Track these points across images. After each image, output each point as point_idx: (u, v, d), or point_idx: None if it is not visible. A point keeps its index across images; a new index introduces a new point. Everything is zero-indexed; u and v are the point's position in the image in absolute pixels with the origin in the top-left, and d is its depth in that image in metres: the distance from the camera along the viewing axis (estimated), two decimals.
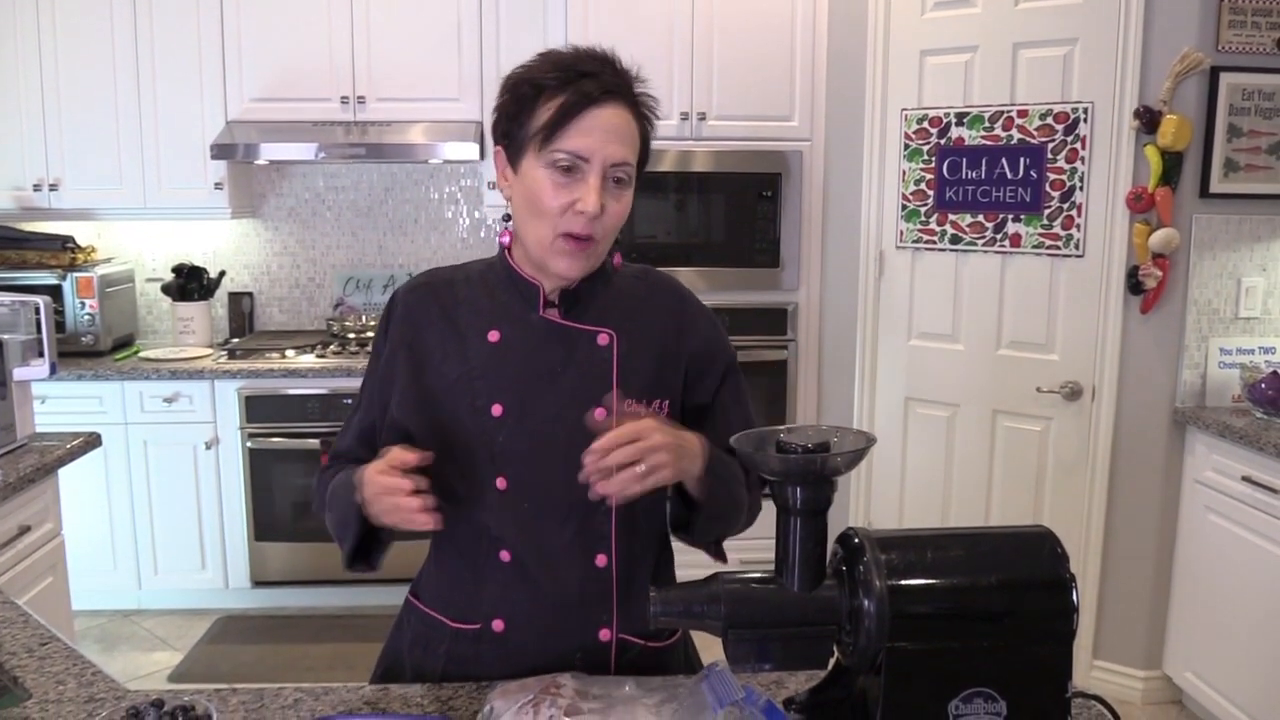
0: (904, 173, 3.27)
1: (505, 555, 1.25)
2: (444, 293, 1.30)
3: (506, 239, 1.30)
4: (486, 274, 1.31)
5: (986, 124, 3.06)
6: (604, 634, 1.27)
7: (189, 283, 3.90)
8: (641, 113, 1.22)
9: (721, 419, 1.30)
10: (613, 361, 1.25)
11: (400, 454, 1.13)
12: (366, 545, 1.26)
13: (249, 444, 3.52)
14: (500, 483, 1.23)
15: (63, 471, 2.44)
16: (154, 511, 3.56)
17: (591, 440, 1.10)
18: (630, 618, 1.28)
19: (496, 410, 1.23)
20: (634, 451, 1.08)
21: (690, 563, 1.34)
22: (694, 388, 1.30)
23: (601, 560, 1.26)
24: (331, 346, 3.72)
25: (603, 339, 1.25)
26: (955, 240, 3.18)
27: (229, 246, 4.08)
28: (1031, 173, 2.99)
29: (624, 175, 1.19)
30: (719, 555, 1.28)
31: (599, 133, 1.16)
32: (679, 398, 1.30)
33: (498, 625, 1.26)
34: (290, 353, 3.67)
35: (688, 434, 1.17)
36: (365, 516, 1.20)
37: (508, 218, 1.30)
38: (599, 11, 3.44)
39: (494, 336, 1.25)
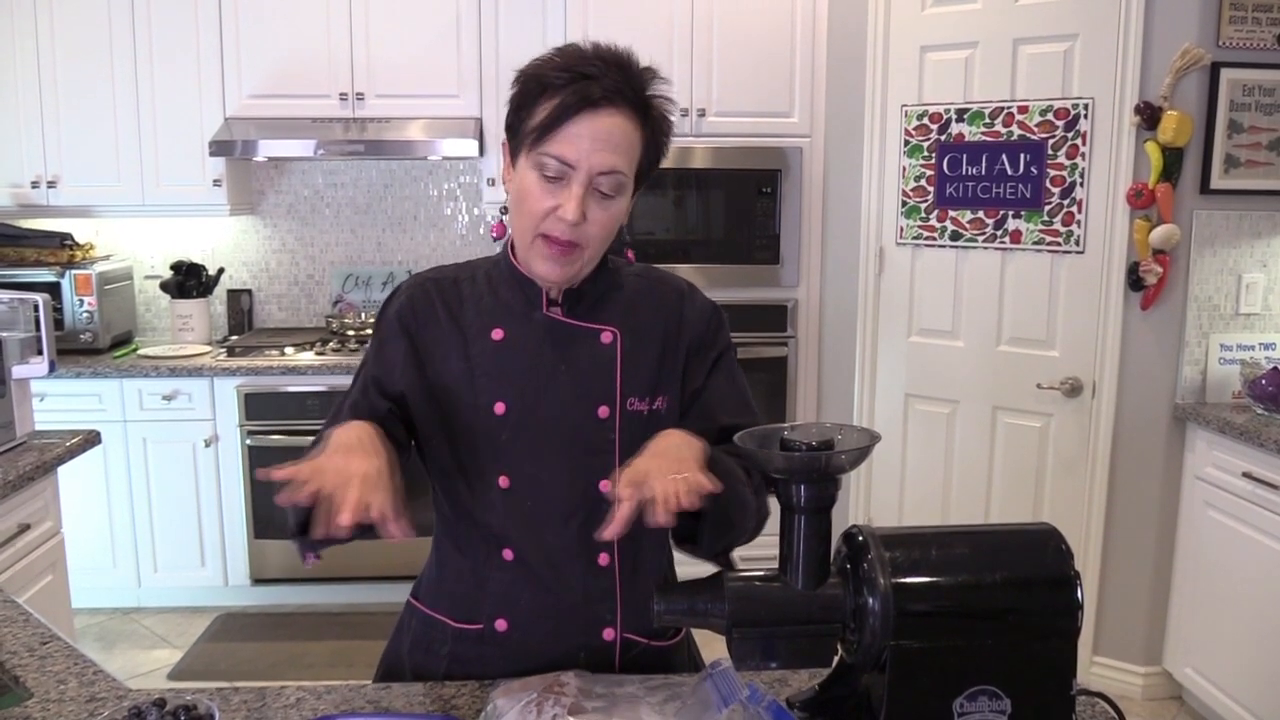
0: (904, 169, 3.27)
1: (508, 554, 1.24)
2: (449, 290, 1.28)
3: (498, 231, 1.30)
4: (491, 272, 1.29)
5: (987, 120, 3.06)
6: (608, 633, 1.27)
7: (187, 280, 3.89)
8: (652, 117, 1.19)
9: (716, 399, 1.28)
10: (616, 359, 1.24)
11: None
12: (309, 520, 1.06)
13: (248, 441, 3.51)
14: (503, 481, 1.23)
15: (62, 469, 2.43)
16: (153, 509, 3.56)
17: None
18: (634, 617, 1.27)
19: (499, 409, 1.22)
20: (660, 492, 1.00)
21: (694, 561, 1.33)
22: (689, 377, 1.29)
23: (604, 559, 1.25)
24: (330, 344, 3.72)
25: (606, 337, 1.25)
26: (955, 237, 3.17)
27: (227, 243, 4.07)
28: (1032, 169, 2.99)
29: (613, 184, 1.15)
30: (728, 565, 1.26)
31: (588, 139, 1.12)
32: (678, 393, 1.29)
33: (500, 625, 1.25)
34: (289, 350, 3.66)
35: (677, 443, 1.11)
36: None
37: (505, 210, 1.29)
38: (599, 6, 3.43)
39: (498, 335, 1.24)
